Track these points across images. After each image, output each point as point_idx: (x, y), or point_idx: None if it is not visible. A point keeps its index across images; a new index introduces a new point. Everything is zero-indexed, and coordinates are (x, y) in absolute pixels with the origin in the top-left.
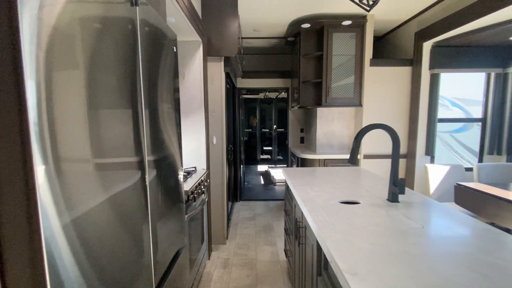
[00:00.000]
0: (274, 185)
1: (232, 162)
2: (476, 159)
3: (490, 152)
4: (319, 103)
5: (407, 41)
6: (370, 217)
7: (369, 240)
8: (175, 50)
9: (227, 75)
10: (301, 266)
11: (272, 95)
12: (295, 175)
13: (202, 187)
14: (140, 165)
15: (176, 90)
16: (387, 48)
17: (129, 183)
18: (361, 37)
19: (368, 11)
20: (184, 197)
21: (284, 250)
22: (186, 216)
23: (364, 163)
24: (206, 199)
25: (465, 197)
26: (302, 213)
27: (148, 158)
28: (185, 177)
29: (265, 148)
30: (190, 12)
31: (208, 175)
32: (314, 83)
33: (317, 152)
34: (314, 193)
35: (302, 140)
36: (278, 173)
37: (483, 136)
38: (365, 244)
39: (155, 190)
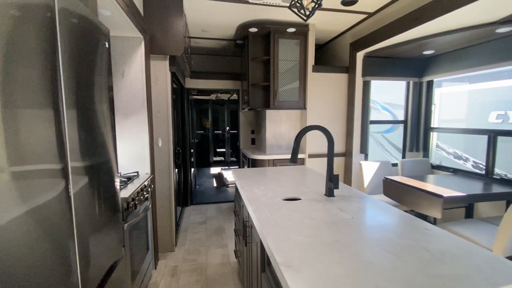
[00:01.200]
0: (227, 187)
1: (181, 165)
2: (401, 156)
3: (411, 149)
4: (267, 106)
5: (344, 50)
6: (308, 211)
7: (306, 233)
8: (107, 46)
9: (174, 75)
10: (248, 265)
11: (225, 96)
12: (244, 175)
13: (145, 193)
14: (63, 173)
15: (110, 88)
16: (328, 55)
17: (49, 194)
18: (304, 44)
19: (305, 20)
20: (123, 205)
21: (234, 251)
22: (126, 225)
23: (309, 162)
24: (150, 206)
25: (391, 189)
26: (248, 212)
27: (74, 164)
28: (125, 183)
29: (218, 150)
30: (128, 6)
31: (152, 180)
32: (263, 86)
33: (266, 152)
34: (260, 192)
35: (253, 141)
36: (230, 175)
37: (405, 135)
38: (302, 237)
39: (84, 200)
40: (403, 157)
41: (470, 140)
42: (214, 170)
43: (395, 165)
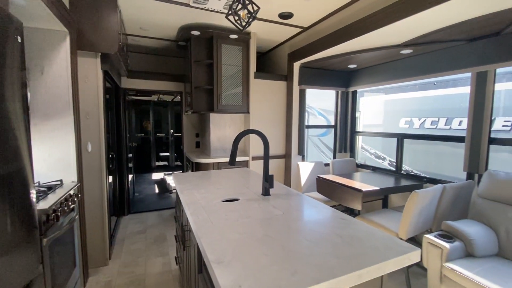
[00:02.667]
0: (170, 193)
1: (116, 171)
2: (332, 156)
3: (340, 151)
4: (211, 109)
5: (283, 60)
6: (245, 210)
7: (240, 231)
8: (19, 41)
9: (107, 73)
10: (188, 269)
11: (168, 98)
12: (185, 180)
13: (71, 203)
14: None
15: (24, 85)
16: (270, 63)
17: None
18: (246, 51)
19: (241, 30)
20: (41, 218)
21: (175, 258)
22: (46, 239)
23: (252, 164)
24: (77, 217)
25: (322, 186)
26: (187, 216)
27: None
28: (44, 193)
29: (161, 154)
30: None
31: (80, 189)
32: (207, 89)
33: (211, 156)
34: (200, 195)
35: (198, 144)
36: None
37: (335, 138)
38: (236, 234)
39: None
40: (334, 157)
41: (387, 142)
42: (157, 175)
43: (327, 165)
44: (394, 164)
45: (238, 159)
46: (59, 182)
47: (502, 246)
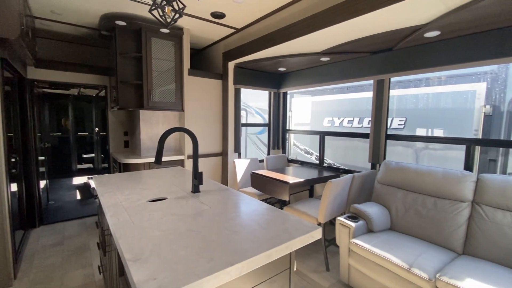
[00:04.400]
0: (95, 198)
1: (22, 177)
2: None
3: (274, 147)
4: (141, 106)
5: (219, 58)
6: (171, 208)
7: (163, 228)
8: None
9: (5, 62)
10: (110, 275)
11: (92, 92)
12: (108, 182)
13: None
14: None
15: None
16: (205, 61)
17: None
18: (180, 46)
19: (166, 27)
20: None
21: (99, 267)
22: None
23: (188, 163)
24: None
25: (256, 181)
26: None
27: None
28: None
29: (85, 155)
30: None
31: None
32: (135, 84)
33: (142, 156)
34: (123, 197)
35: (127, 144)
36: None
37: (269, 136)
38: (158, 232)
39: None
40: (268, 154)
41: (314, 139)
42: (79, 179)
43: (261, 161)
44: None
45: (172, 158)
46: None
47: (393, 221)
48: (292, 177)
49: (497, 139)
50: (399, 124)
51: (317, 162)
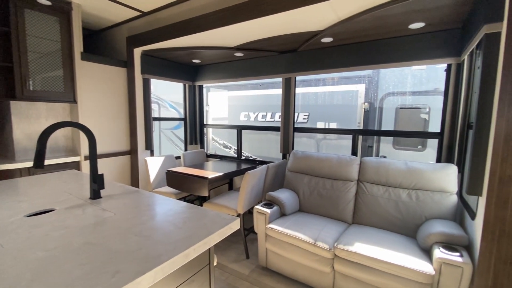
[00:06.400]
0: None
1: None
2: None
3: (191, 143)
4: (12, 96)
5: (122, 43)
6: (61, 221)
7: (49, 246)
8: None
9: None
10: None
11: None
12: None
13: None
14: None
15: None
16: (105, 45)
17: None
18: (67, 24)
19: None
20: None
21: None
22: None
23: (86, 165)
24: None
25: (172, 180)
26: None
27: None
28: None
29: None
30: None
31: None
32: (1, 67)
33: (17, 159)
34: None
35: None
36: None
37: (186, 131)
38: (41, 252)
39: None
40: (185, 149)
41: (232, 133)
42: None
43: (178, 157)
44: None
45: (64, 160)
46: None
47: (301, 203)
48: (211, 172)
49: (372, 129)
50: (303, 118)
51: (236, 155)
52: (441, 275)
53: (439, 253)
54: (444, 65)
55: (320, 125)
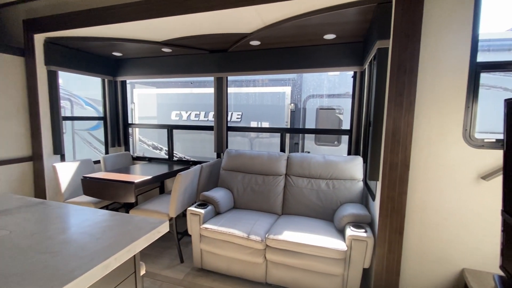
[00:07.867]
0: None
1: None
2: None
3: (113, 145)
4: None
5: (17, 26)
6: None
7: None
8: None
9: None
10: None
11: None
12: None
13: None
14: None
15: None
16: None
17: None
18: None
19: None
20: None
21: None
22: None
23: None
24: None
25: (90, 187)
26: None
27: None
28: None
29: None
30: None
31: None
32: None
33: None
34: None
35: None
36: None
37: (106, 131)
38: None
39: None
40: (106, 152)
41: (162, 133)
42: None
43: (97, 162)
44: (172, 153)
45: None
46: None
47: (235, 200)
48: (139, 176)
49: (297, 128)
50: (237, 118)
51: (167, 156)
52: (352, 250)
53: (349, 231)
54: (352, 72)
55: (254, 124)
